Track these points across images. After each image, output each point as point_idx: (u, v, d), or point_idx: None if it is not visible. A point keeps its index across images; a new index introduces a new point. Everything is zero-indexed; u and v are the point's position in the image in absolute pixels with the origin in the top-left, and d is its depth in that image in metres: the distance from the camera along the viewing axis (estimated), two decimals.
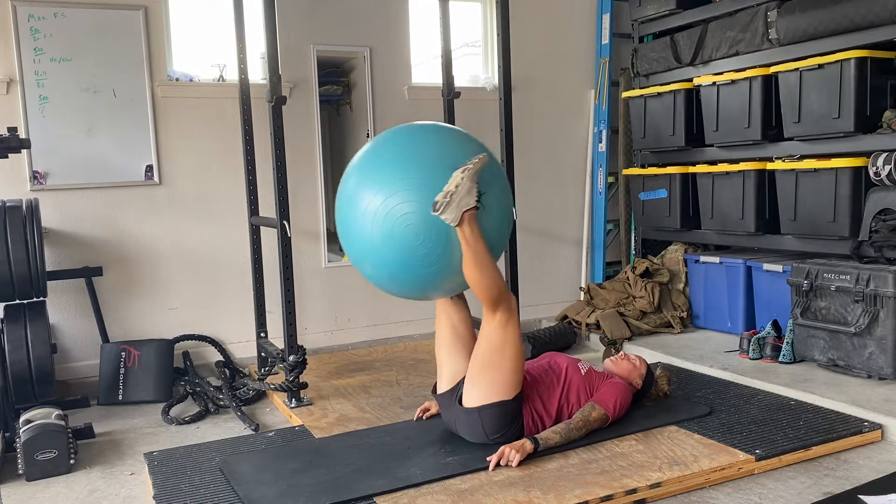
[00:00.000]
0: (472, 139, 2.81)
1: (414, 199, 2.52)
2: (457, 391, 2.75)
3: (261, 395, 3.70)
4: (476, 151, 2.65)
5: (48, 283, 3.53)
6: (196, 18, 4.23)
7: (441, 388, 2.83)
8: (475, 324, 2.87)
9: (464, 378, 2.74)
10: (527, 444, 2.62)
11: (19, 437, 2.82)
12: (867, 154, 3.63)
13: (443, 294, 2.80)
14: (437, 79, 4.56)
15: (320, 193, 4.50)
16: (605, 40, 5.17)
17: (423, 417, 3.08)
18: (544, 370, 2.90)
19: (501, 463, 2.57)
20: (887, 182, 3.54)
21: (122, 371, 3.78)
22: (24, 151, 3.70)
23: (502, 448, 2.60)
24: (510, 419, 2.69)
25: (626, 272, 4.80)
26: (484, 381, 2.66)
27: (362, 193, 2.60)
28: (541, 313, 5.01)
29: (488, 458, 2.58)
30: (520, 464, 2.58)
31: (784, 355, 3.74)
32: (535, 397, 2.78)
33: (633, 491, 2.40)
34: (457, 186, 2.48)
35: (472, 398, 2.68)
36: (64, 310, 3.95)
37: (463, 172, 2.50)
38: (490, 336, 2.65)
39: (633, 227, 5.19)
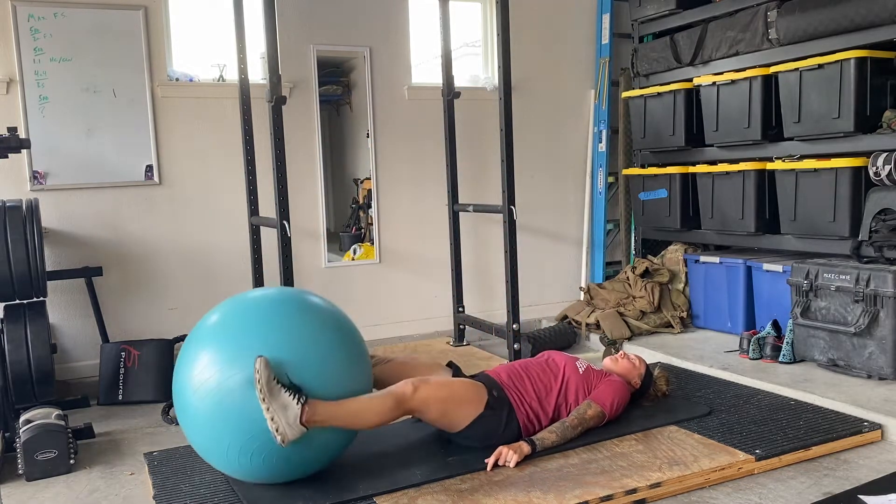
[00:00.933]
0: (238, 331, 2.41)
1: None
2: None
3: None
4: (249, 350, 2.31)
5: (48, 283, 3.52)
6: (196, 18, 4.23)
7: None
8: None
9: None
10: (524, 446, 2.62)
11: (19, 437, 2.82)
12: (867, 154, 3.63)
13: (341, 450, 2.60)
14: (437, 79, 4.56)
15: (320, 193, 4.50)
16: (605, 40, 5.17)
17: None
18: (542, 369, 2.90)
19: (499, 463, 2.57)
20: (887, 182, 3.54)
21: (121, 371, 3.78)
22: (24, 151, 3.70)
23: (500, 448, 2.60)
24: (496, 423, 2.69)
25: (626, 272, 4.80)
26: (451, 422, 2.67)
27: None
28: (541, 313, 5.01)
29: (486, 461, 2.58)
30: (519, 464, 2.58)
31: (784, 355, 3.74)
32: (532, 397, 2.78)
33: (633, 491, 2.40)
34: (273, 419, 2.22)
35: (454, 428, 2.70)
36: (64, 310, 3.95)
37: (262, 402, 2.22)
38: (426, 416, 2.64)
39: (633, 227, 5.19)
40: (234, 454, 2.34)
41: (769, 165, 4.10)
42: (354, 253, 4.68)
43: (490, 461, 2.57)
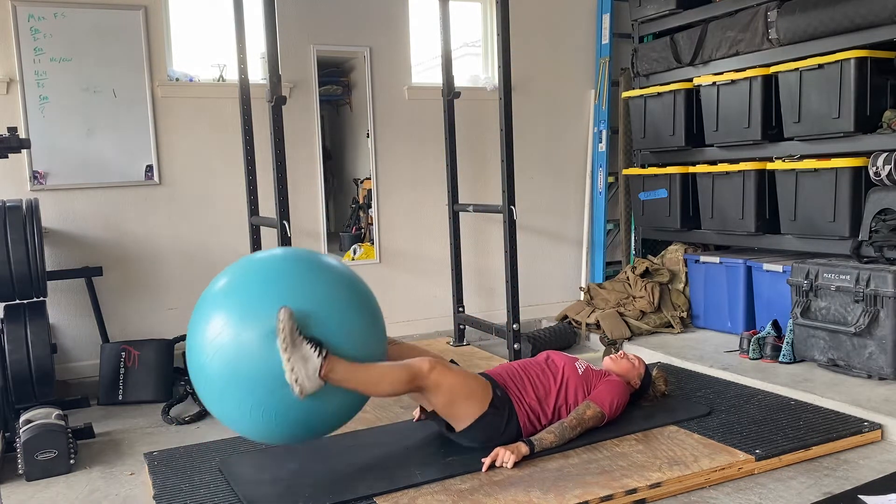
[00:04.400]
0: (266, 280, 2.39)
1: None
2: (441, 419, 2.76)
3: None
4: (275, 300, 2.28)
5: (48, 283, 3.53)
6: (196, 18, 4.22)
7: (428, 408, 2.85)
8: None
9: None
10: (521, 447, 2.62)
11: (19, 437, 2.82)
12: (867, 154, 3.63)
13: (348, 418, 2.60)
14: (437, 79, 4.56)
15: (320, 193, 4.50)
16: (605, 40, 5.17)
17: (424, 418, 3.08)
18: (541, 369, 2.90)
19: (496, 464, 2.57)
20: (887, 182, 3.54)
21: (122, 371, 3.78)
22: (24, 151, 3.70)
23: (497, 449, 2.60)
24: (498, 423, 2.69)
25: (626, 272, 4.80)
26: (455, 416, 2.68)
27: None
28: (541, 313, 5.01)
29: (483, 460, 2.58)
30: (519, 464, 2.57)
31: (784, 355, 3.74)
32: (532, 397, 2.78)
33: (633, 491, 2.40)
34: (293, 369, 2.22)
35: (457, 425, 2.70)
36: (64, 310, 3.95)
37: (284, 351, 2.21)
38: (433, 400, 2.64)
39: (633, 227, 5.19)
40: (246, 410, 2.30)
41: (769, 165, 4.10)
42: (354, 253, 4.68)
43: (486, 462, 2.56)
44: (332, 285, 2.44)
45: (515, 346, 3.92)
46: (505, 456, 2.57)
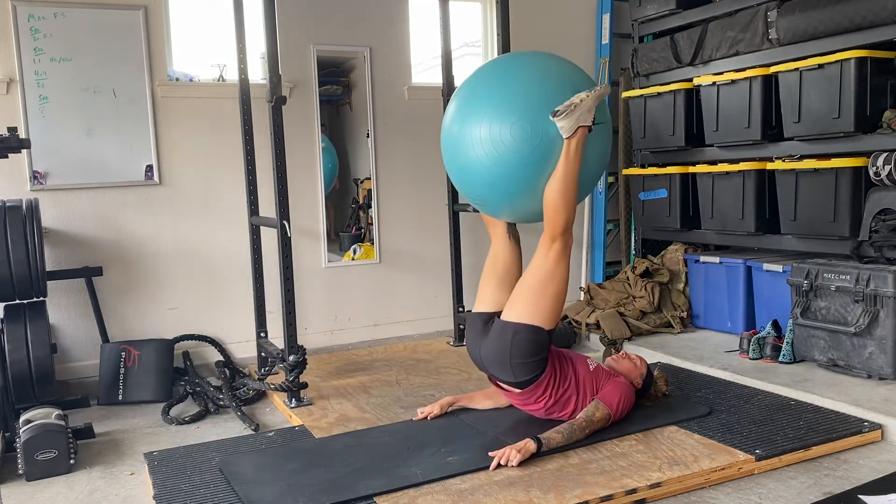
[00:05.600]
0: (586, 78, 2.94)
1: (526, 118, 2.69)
2: (494, 316, 2.84)
3: (261, 395, 3.70)
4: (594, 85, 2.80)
5: (48, 283, 3.53)
6: (196, 18, 4.23)
7: (479, 308, 2.92)
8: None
9: (501, 312, 2.83)
10: (529, 444, 2.62)
11: (19, 437, 2.82)
12: (867, 154, 3.63)
13: (513, 213, 2.94)
14: (437, 79, 4.56)
15: (320, 193, 4.50)
16: (605, 40, 5.17)
17: (429, 418, 3.08)
18: (558, 355, 2.93)
19: (502, 463, 2.57)
20: (887, 182, 3.54)
21: (122, 371, 3.78)
22: (24, 151, 3.70)
23: (504, 448, 2.60)
24: (536, 350, 2.74)
25: (626, 272, 4.80)
26: (526, 302, 2.75)
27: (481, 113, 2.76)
28: None
29: (491, 454, 2.58)
30: (520, 464, 2.57)
31: (784, 355, 3.74)
32: (557, 368, 2.85)
33: (633, 491, 2.40)
34: (582, 101, 2.63)
35: (512, 314, 2.76)
36: (64, 310, 3.95)
37: (590, 94, 2.66)
38: (543, 265, 2.76)
39: (633, 227, 5.19)
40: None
41: (769, 165, 4.10)
42: (354, 253, 4.68)
43: (494, 462, 2.56)
44: (610, 127, 2.93)
45: None
46: (512, 454, 2.57)
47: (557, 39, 5.12)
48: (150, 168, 4.08)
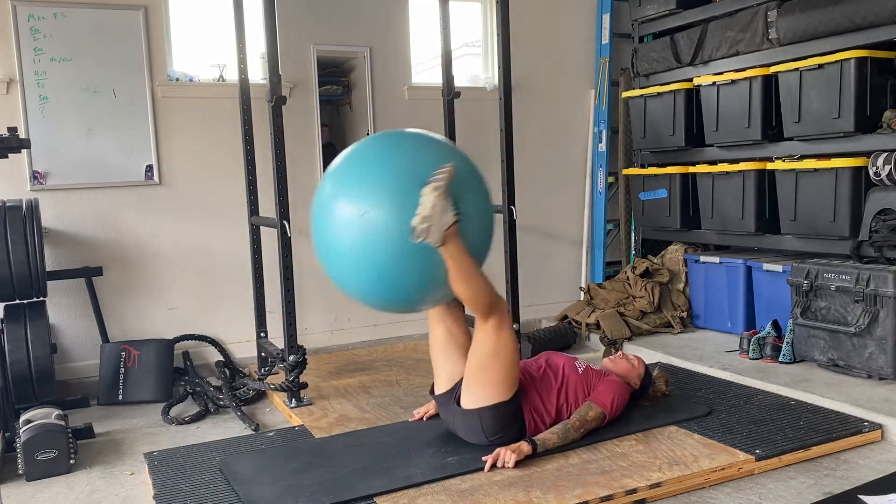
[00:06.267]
0: (438, 144, 2.68)
1: (390, 216, 2.44)
2: (455, 392, 2.75)
3: (261, 395, 3.70)
4: (444, 158, 2.54)
5: (48, 283, 3.53)
6: (196, 18, 4.23)
7: (439, 389, 2.83)
8: (469, 322, 2.86)
9: (461, 380, 2.74)
10: (524, 446, 2.61)
11: (19, 437, 2.82)
12: (867, 154, 3.63)
13: (432, 306, 2.77)
14: (437, 79, 4.56)
15: None
16: (605, 40, 5.17)
17: (424, 418, 3.08)
18: (542, 369, 2.89)
19: (497, 464, 2.56)
20: (887, 182, 3.54)
21: (122, 371, 3.78)
22: (24, 151, 3.70)
23: (498, 449, 2.59)
24: (509, 420, 2.68)
25: (626, 272, 4.80)
26: (480, 384, 2.66)
27: (336, 206, 2.53)
28: (541, 313, 5.00)
29: (483, 459, 2.57)
30: (519, 464, 2.57)
31: (784, 355, 3.74)
32: (535, 396, 2.78)
33: (633, 491, 2.40)
34: (432, 208, 2.38)
35: (470, 400, 2.68)
36: (64, 310, 3.95)
37: (434, 191, 2.39)
38: (484, 342, 2.64)
39: (633, 227, 5.19)
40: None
41: (769, 165, 4.10)
42: None
43: (488, 462, 2.56)
44: (478, 176, 2.71)
45: None
46: (507, 455, 2.56)
47: (557, 39, 5.12)
48: (150, 168, 4.08)
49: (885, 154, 3.53)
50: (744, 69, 4.21)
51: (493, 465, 2.56)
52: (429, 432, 2.91)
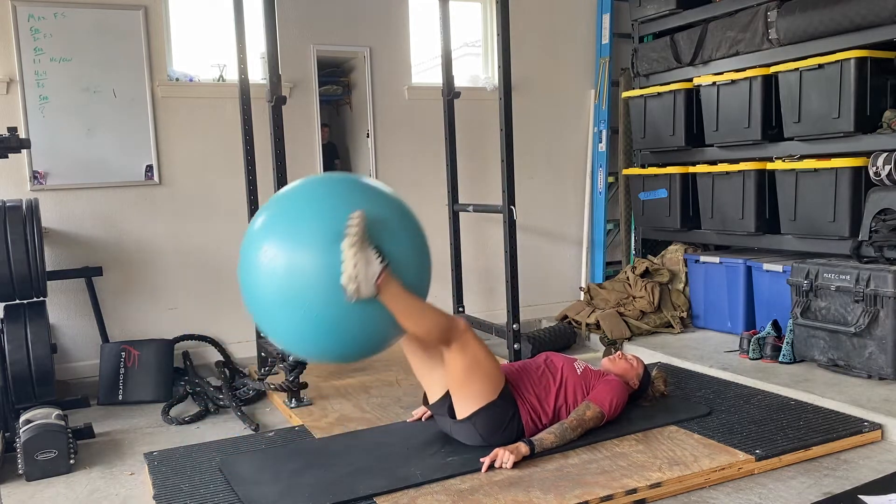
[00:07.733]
0: (344, 190, 2.51)
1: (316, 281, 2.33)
2: (447, 401, 2.75)
3: (261, 395, 3.70)
4: (348, 204, 2.38)
5: (48, 283, 3.53)
6: (196, 18, 4.23)
7: (431, 399, 2.84)
8: None
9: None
10: (521, 447, 2.61)
11: (19, 437, 2.82)
12: (867, 154, 3.63)
13: (396, 342, 2.64)
14: (437, 79, 4.56)
15: None
16: (605, 40, 5.17)
17: (423, 419, 3.08)
18: (541, 370, 2.89)
19: (496, 465, 2.56)
20: (887, 182, 3.54)
21: (122, 371, 3.78)
22: (24, 151, 3.70)
23: (496, 450, 2.59)
24: (502, 417, 2.69)
25: (626, 272, 4.80)
26: (465, 395, 2.67)
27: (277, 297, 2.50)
28: (541, 313, 5.00)
29: (481, 460, 2.57)
30: (519, 464, 2.57)
31: (784, 355, 3.74)
32: (532, 396, 2.78)
33: (633, 491, 2.40)
34: (355, 266, 2.26)
35: (461, 410, 2.70)
36: (64, 310, 3.95)
37: (351, 247, 2.27)
38: (455, 364, 2.64)
39: (633, 227, 5.19)
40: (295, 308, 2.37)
41: (769, 165, 4.10)
42: None
43: (486, 462, 2.56)
44: (395, 209, 2.50)
45: (515, 346, 3.92)
46: (504, 456, 2.56)
47: (557, 39, 5.12)
48: (150, 168, 4.08)
49: (885, 154, 3.53)
50: (744, 69, 4.21)
51: (491, 466, 2.56)
52: (429, 432, 2.91)
